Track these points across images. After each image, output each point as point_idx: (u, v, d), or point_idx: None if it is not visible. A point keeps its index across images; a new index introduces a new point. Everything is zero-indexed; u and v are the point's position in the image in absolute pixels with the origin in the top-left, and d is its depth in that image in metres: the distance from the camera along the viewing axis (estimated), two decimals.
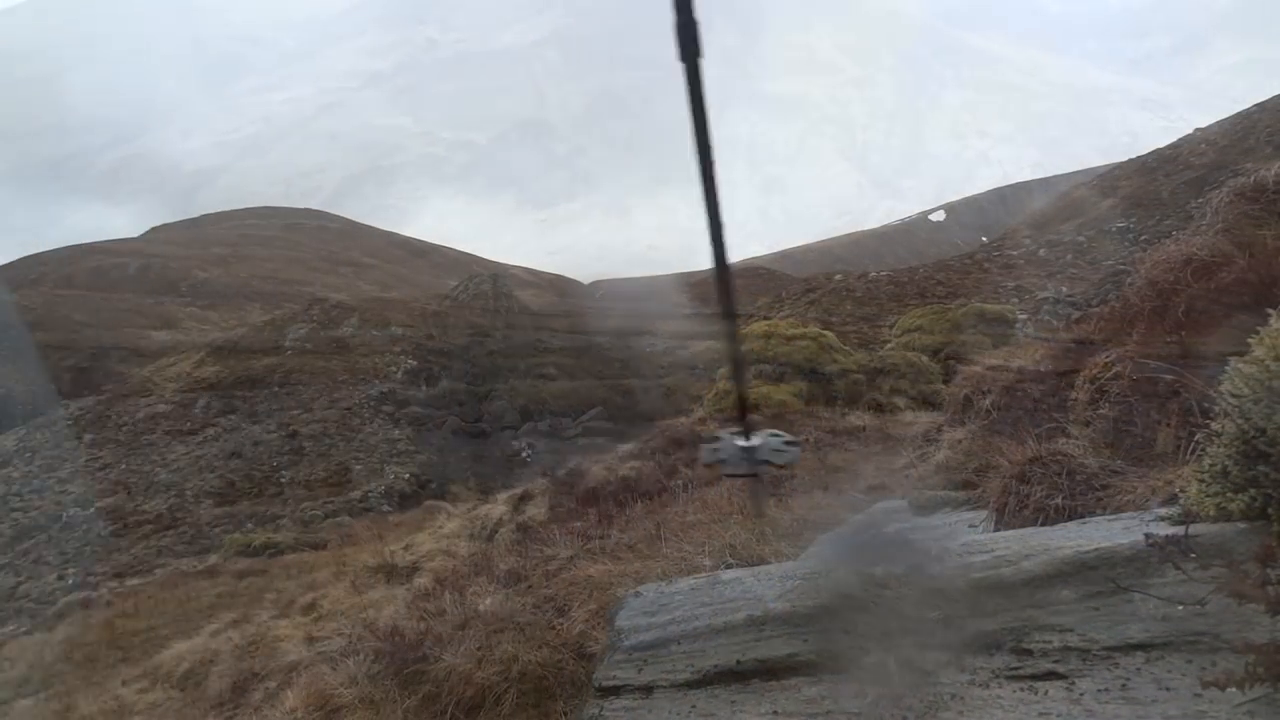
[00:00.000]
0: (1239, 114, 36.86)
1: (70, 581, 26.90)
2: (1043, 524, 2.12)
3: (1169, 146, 39.59)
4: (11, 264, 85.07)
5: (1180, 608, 1.32)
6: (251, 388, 44.87)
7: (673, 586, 2.27)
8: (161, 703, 7.82)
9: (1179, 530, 1.42)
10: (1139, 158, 41.24)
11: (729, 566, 3.04)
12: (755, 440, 1.75)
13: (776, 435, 1.81)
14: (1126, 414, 2.48)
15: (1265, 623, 1.21)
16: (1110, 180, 40.74)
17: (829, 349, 15.69)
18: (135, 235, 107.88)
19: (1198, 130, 39.23)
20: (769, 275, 73.40)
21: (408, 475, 35.76)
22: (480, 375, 48.81)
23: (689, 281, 79.24)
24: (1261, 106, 35.74)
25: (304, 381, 44.89)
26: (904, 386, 16.11)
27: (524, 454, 42.92)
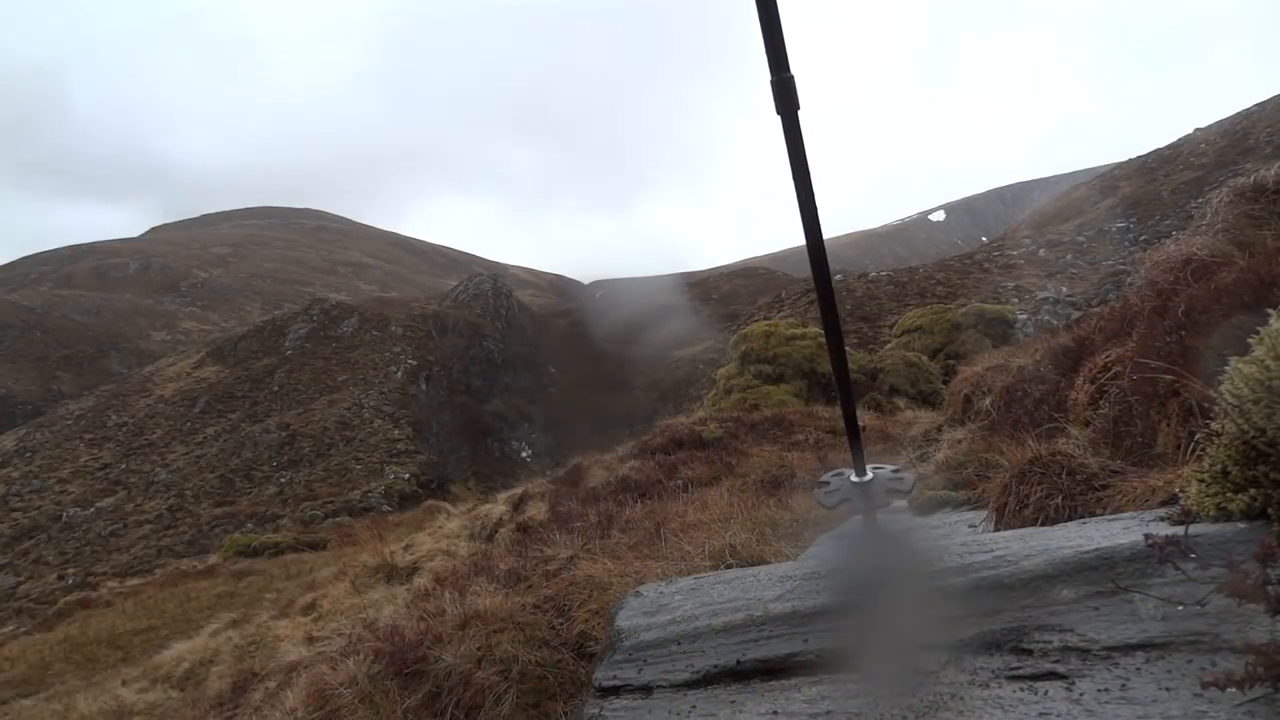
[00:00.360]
0: (1239, 114, 36.90)
1: (70, 581, 26.91)
2: (1043, 524, 2.12)
3: (1169, 146, 39.63)
4: (11, 264, 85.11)
5: (1180, 608, 1.32)
6: (251, 388, 44.87)
7: (673, 586, 2.27)
8: (161, 703, 7.83)
9: (1179, 530, 1.42)
10: (1139, 158, 41.25)
11: (729, 566, 3.04)
12: (869, 475, 1.77)
13: (880, 467, 1.81)
14: (1126, 414, 2.48)
15: (1265, 623, 1.21)
16: (1110, 180, 40.76)
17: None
18: (135, 235, 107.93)
19: (1198, 130, 39.25)
20: (769, 275, 73.44)
21: (408, 475, 35.77)
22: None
23: (689, 281, 79.31)
24: (1262, 106, 35.76)
25: (304, 381, 44.87)
26: (904, 386, 16.12)
27: (524, 454, 42.94)
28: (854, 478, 1.79)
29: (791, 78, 1.21)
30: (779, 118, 1.26)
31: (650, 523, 4.35)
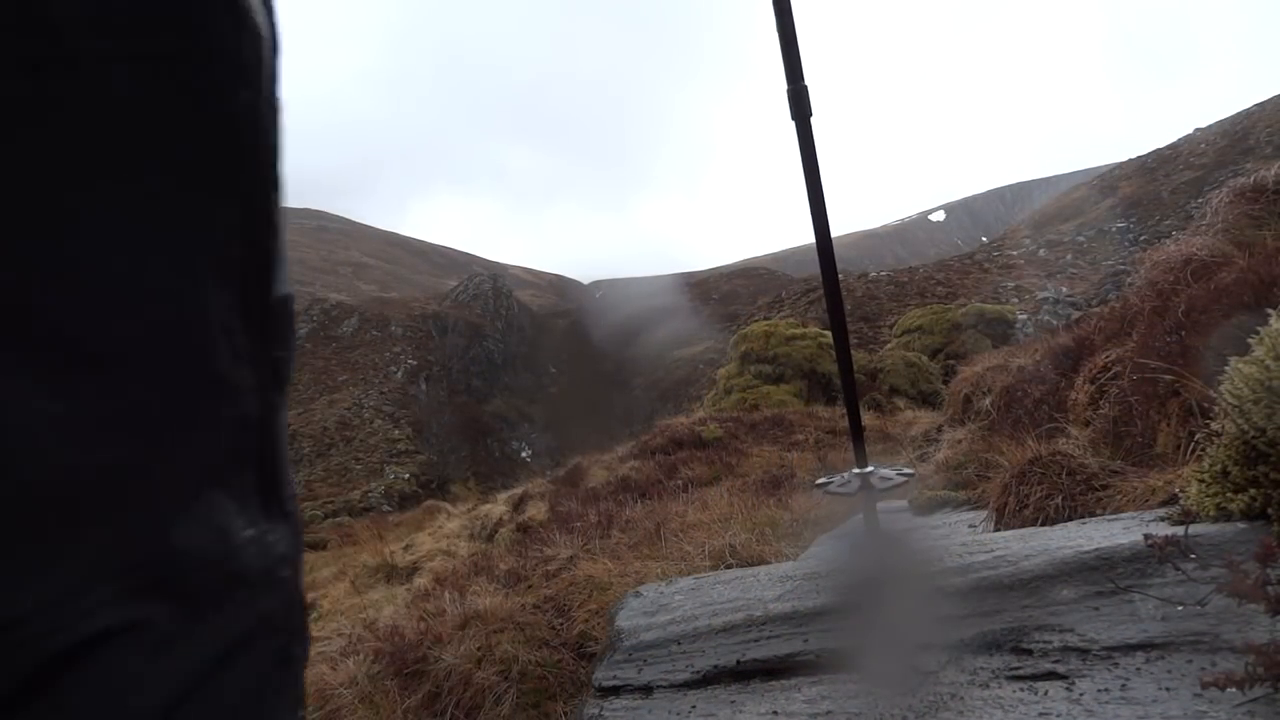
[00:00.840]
0: (1239, 114, 36.89)
1: None
2: (1043, 524, 2.12)
3: (1169, 147, 39.63)
4: None
5: (1180, 608, 1.32)
6: None
7: (673, 586, 2.27)
8: None
9: (1179, 530, 1.42)
10: (1139, 158, 41.25)
11: (729, 566, 3.05)
12: (869, 468, 1.78)
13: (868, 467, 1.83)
14: (1126, 414, 2.48)
15: (1265, 623, 1.21)
16: (1110, 180, 40.76)
17: (829, 349, 15.67)
18: None
19: (1198, 130, 39.24)
20: (769, 275, 73.45)
21: (408, 475, 35.77)
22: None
23: (689, 281, 79.32)
24: (1262, 106, 35.75)
25: (304, 381, 44.85)
26: (904, 386, 16.11)
27: (524, 454, 42.97)
28: (856, 470, 1.80)
29: (806, 88, 1.26)
30: (793, 124, 1.30)
31: (650, 523, 4.35)
